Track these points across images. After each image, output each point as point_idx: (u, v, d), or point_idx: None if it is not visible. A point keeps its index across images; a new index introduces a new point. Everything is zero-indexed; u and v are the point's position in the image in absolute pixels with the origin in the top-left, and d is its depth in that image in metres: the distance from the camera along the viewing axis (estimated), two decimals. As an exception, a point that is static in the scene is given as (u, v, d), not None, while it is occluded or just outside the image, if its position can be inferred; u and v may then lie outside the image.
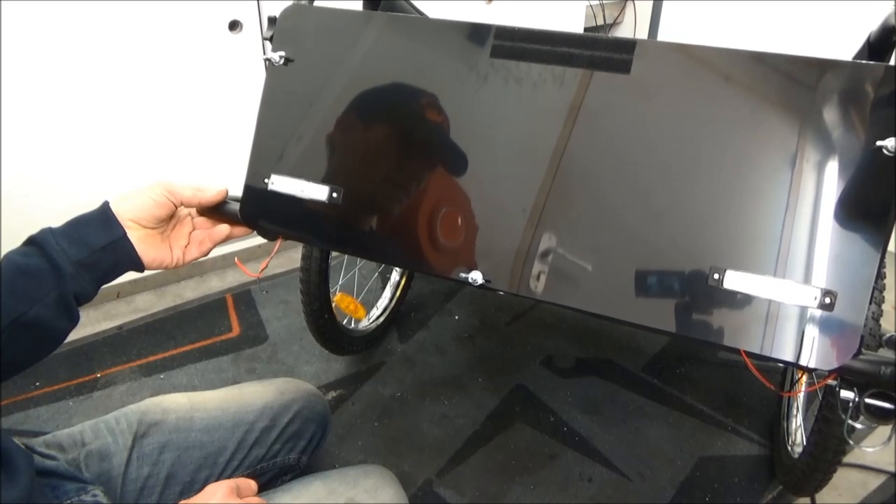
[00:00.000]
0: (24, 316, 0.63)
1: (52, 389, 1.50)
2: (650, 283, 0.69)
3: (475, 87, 0.77)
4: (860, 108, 0.64)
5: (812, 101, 0.65)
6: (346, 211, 0.80)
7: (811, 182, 0.65)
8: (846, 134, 0.64)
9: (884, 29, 0.86)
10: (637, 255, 0.69)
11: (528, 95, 0.75)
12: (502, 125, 0.76)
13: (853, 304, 0.62)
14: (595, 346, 1.67)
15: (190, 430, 0.88)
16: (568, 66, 0.74)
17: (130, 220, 0.73)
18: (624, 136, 0.72)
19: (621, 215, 0.70)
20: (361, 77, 0.82)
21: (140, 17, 1.52)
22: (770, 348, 0.64)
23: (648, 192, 0.70)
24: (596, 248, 0.71)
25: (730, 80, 0.69)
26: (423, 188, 0.78)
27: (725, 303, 0.66)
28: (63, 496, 0.71)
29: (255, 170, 0.84)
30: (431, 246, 0.77)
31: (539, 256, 0.72)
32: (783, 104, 0.67)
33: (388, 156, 0.80)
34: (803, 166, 0.65)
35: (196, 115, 1.71)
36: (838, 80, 0.65)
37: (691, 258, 0.67)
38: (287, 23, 0.85)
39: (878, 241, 0.62)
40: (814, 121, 0.65)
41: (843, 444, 1.04)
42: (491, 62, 0.77)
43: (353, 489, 0.84)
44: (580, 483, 1.31)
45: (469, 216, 0.76)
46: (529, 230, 0.73)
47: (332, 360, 1.60)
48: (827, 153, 0.64)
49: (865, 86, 0.64)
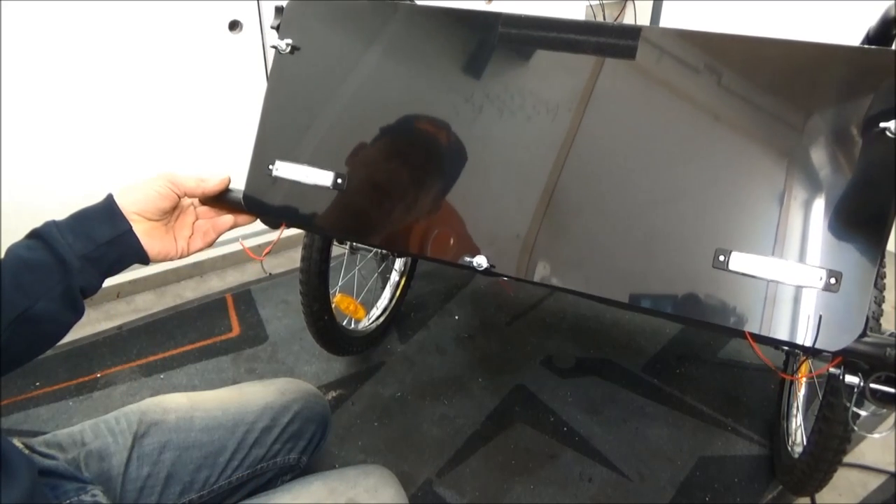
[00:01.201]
0: (30, 310, 0.63)
1: (52, 389, 1.50)
2: (656, 267, 0.69)
3: (483, 74, 0.77)
4: (863, 93, 0.64)
5: (816, 86, 0.66)
6: (350, 197, 0.80)
7: (815, 165, 0.65)
8: (850, 117, 0.65)
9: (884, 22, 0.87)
10: (642, 239, 0.69)
11: (536, 83, 0.76)
12: (511, 113, 0.76)
13: (858, 285, 0.62)
14: (595, 346, 1.67)
15: (190, 430, 0.88)
16: (574, 53, 0.74)
17: (135, 213, 0.73)
18: (630, 121, 0.72)
19: (626, 199, 0.71)
20: (367, 65, 0.82)
21: (140, 17, 1.52)
22: (775, 330, 0.64)
23: (654, 175, 0.70)
24: (601, 234, 0.71)
25: (734, 66, 0.69)
26: (427, 175, 0.79)
27: (730, 285, 0.66)
28: (63, 496, 0.71)
29: (260, 156, 0.84)
30: (436, 232, 0.77)
31: (545, 241, 0.72)
32: (788, 89, 0.67)
33: (394, 143, 0.81)
34: (808, 149, 0.66)
35: (196, 115, 1.71)
36: (842, 65, 0.65)
37: (697, 241, 0.67)
38: (294, 12, 0.85)
39: (881, 223, 0.62)
40: (818, 105, 0.66)
41: (843, 443, 1.04)
42: (500, 50, 0.77)
43: (354, 489, 0.84)
44: (580, 483, 1.31)
45: (474, 202, 0.76)
46: (536, 216, 0.73)
47: (332, 360, 1.60)
48: (831, 136, 0.65)
49: (867, 70, 0.64)
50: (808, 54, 0.67)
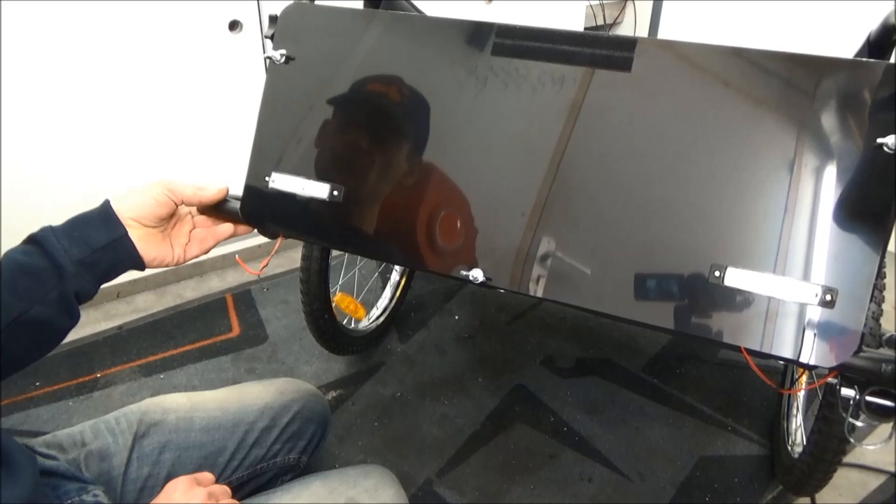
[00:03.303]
0: (25, 314, 0.63)
1: (52, 389, 1.50)
2: (651, 281, 0.69)
3: (477, 85, 0.77)
4: (860, 106, 0.64)
5: (813, 99, 0.65)
6: (346, 209, 0.81)
7: (812, 179, 0.65)
8: (847, 131, 0.64)
9: (884, 28, 0.87)
10: (638, 252, 0.69)
11: (529, 94, 0.75)
12: (504, 123, 0.76)
13: (854, 301, 0.62)
14: (595, 346, 1.67)
15: (190, 430, 0.88)
16: (569, 65, 0.74)
17: (131, 219, 0.73)
18: (624, 134, 0.72)
19: (622, 213, 0.71)
20: (363, 76, 0.82)
21: (141, 17, 1.52)
22: (771, 346, 0.64)
23: (649, 189, 0.70)
24: (596, 246, 0.71)
25: (730, 78, 0.69)
26: (424, 186, 0.78)
27: (726, 300, 0.66)
28: (64, 496, 0.71)
29: (256, 168, 0.84)
30: (432, 244, 0.78)
31: (540, 254, 0.72)
32: (784, 102, 0.67)
33: (390, 154, 0.81)
34: (804, 164, 0.65)
35: (196, 115, 1.71)
36: (839, 78, 0.65)
37: (692, 255, 0.67)
38: (288, 21, 0.85)
39: (878, 239, 0.62)
40: (814, 119, 0.65)
41: (843, 443, 1.04)
42: (492, 60, 0.77)
43: (353, 489, 0.84)
44: (580, 483, 1.31)
45: (470, 215, 0.76)
46: (530, 228, 0.73)
47: (332, 360, 1.60)
48: (827, 151, 0.65)
49: (866, 84, 0.64)
50: (806, 67, 0.66)
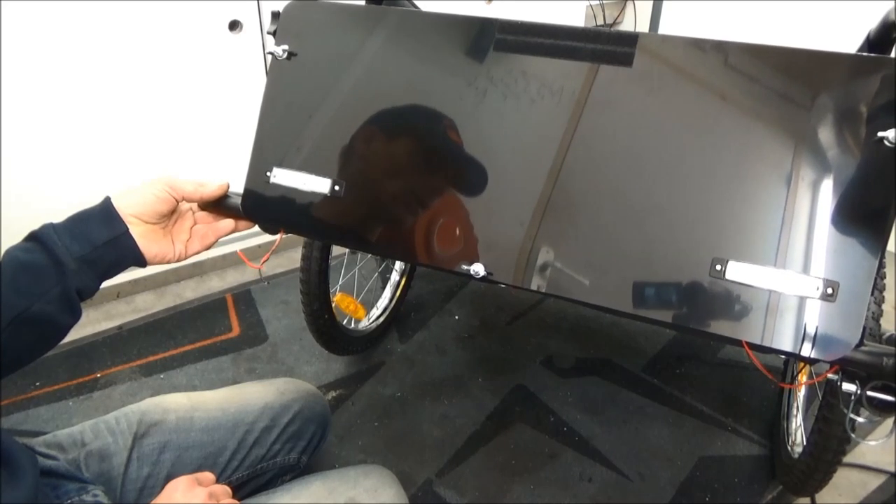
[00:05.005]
0: (27, 312, 0.63)
1: (52, 389, 1.50)
2: (652, 275, 0.69)
3: (480, 81, 0.77)
4: (862, 101, 0.64)
5: (814, 94, 0.66)
6: (347, 204, 0.81)
7: (813, 174, 0.65)
8: (848, 125, 0.64)
9: (884, 25, 0.87)
10: (639, 247, 0.69)
11: (533, 90, 0.75)
12: (506, 118, 0.76)
13: (855, 294, 0.62)
14: (595, 346, 1.67)
15: (190, 430, 0.88)
16: (571, 60, 0.74)
17: (132, 216, 0.73)
18: (627, 129, 0.72)
19: (623, 209, 0.71)
20: (365, 72, 0.82)
21: (141, 17, 1.52)
22: (772, 339, 0.64)
23: (651, 184, 0.70)
24: (598, 241, 0.71)
25: (732, 74, 0.69)
26: (425, 181, 0.79)
27: (727, 294, 0.66)
28: (64, 496, 0.71)
29: (258, 163, 0.84)
30: (433, 239, 0.77)
31: (541, 249, 0.72)
32: (785, 97, 0.67)
33: (391, 150, 0.81)
34: (805, 158, 0.65)
35: (196, 115, 1.71)
36: (841, 72, 0.65)
37: (693, 249, 0.67)
38: (291, 17, 0.85)
39: (879, 233, 0.62)
40: (816, 113, 0.65)
41: (843, 443, 1.03)
42: (496, 56, 0.77)
43: (354, 489, 0.84)
44: (580, 483, 1.31)
45: (471, 209, 0.76)
46: (532, 223, 0.73)
47: (332, 360, 1.60)
48: (829, 145, 0.65)
49: (867, 78, 0.64)
50: (806, 62, 0.66)
